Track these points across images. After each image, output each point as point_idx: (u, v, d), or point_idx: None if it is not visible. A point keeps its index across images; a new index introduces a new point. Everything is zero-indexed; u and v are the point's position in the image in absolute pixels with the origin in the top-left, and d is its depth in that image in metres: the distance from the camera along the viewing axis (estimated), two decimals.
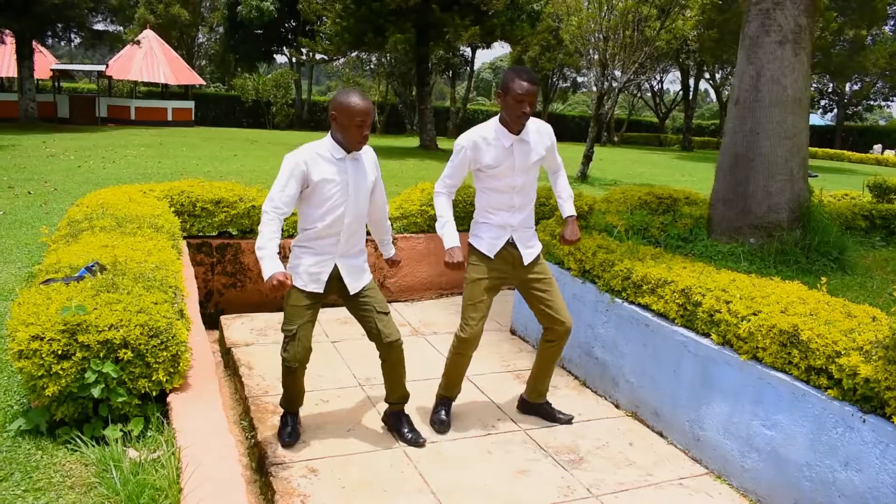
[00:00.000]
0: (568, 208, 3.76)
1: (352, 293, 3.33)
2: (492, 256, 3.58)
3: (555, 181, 3.82)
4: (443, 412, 3.80)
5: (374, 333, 3.35)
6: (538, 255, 3.69)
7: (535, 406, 3.98)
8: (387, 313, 3.37)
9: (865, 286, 4.45)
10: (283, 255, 3.16)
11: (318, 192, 3.15)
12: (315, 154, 3.15)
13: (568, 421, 3.93)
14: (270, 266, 2.95)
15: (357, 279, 3.34)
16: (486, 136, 3.46)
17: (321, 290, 3.28)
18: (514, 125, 3.40)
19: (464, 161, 3.50)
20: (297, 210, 3.27)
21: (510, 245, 3.59)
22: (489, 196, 3.56)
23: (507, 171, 3.47)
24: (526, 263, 3.61)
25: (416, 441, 3.54)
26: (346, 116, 3.09)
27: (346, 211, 3.20)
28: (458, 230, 3.56)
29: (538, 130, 3.55)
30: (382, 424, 3.71)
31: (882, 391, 2.70)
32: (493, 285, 3.61)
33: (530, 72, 3.40)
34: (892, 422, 2.68)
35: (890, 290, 4.17)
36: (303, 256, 3.27)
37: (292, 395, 3.48)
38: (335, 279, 3.29)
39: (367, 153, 3.32)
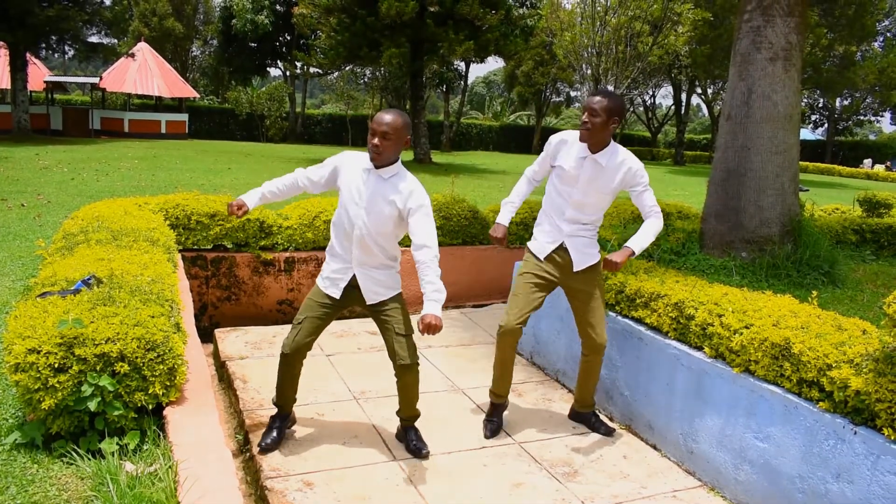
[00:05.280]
0: (632, 241, 3.60)
1: (369, 302, 3.37)
2: (541, 258, 3.69)
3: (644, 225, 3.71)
4: (493, 418, 3.93)
5: (390, 353, 3.42)
6: (593, 267, 3.72)
7: (581, 415, 4.10)
8: (405, 335, 3.37)
9: (856, 300, 4.49)
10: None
11: (341, 192, 3.32)
12: (353, 157, 3.35)
13: (609, 433, 3.99)
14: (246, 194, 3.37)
15: (375, 289, 3.36)
16: (573, 139, 3.61)
17: (337, 296, 3.37)
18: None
19: (547, 153, 3.69)
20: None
21: (562, 250, 3.68)
22: (550, 195, 3.72)
23: (571, 180, 3.59)
24: (575, 270, 3.68)
25: (419, 451, 3.55)
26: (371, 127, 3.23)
27: (356, 221, 3.24)
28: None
29: (622, 163, 3.55)
30: (377, 438, 3.72)
31: (872, 403, 2.73)
32: (539, 283, 3.70)
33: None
34: (883, 433, 2.71)
35: (880, 303, 4.21)
36: (329, 261, 3.43)
37: (281, 388, 3.53)
38: (354, 288, 3.35)
39: (403, 181, 3.22)
